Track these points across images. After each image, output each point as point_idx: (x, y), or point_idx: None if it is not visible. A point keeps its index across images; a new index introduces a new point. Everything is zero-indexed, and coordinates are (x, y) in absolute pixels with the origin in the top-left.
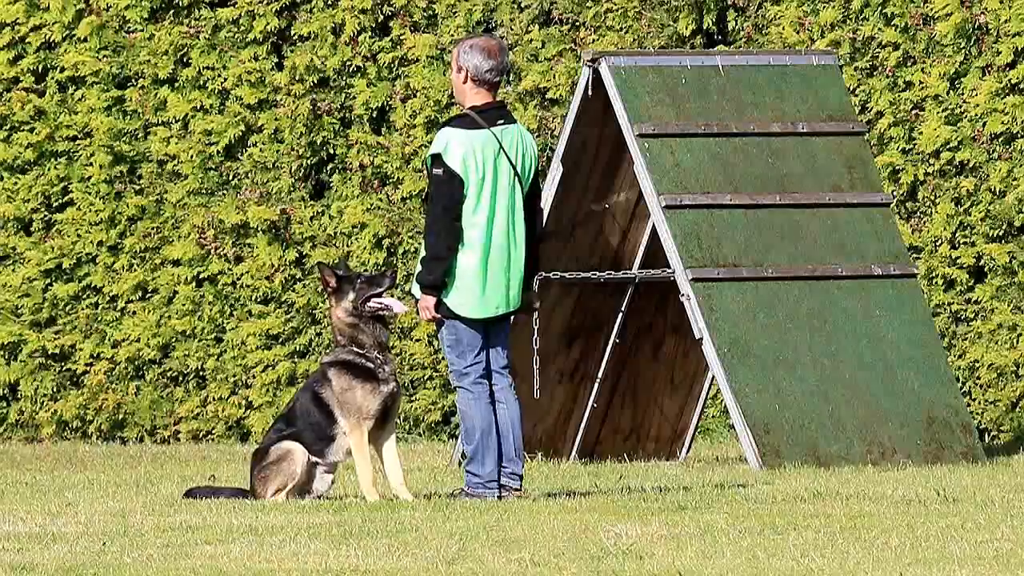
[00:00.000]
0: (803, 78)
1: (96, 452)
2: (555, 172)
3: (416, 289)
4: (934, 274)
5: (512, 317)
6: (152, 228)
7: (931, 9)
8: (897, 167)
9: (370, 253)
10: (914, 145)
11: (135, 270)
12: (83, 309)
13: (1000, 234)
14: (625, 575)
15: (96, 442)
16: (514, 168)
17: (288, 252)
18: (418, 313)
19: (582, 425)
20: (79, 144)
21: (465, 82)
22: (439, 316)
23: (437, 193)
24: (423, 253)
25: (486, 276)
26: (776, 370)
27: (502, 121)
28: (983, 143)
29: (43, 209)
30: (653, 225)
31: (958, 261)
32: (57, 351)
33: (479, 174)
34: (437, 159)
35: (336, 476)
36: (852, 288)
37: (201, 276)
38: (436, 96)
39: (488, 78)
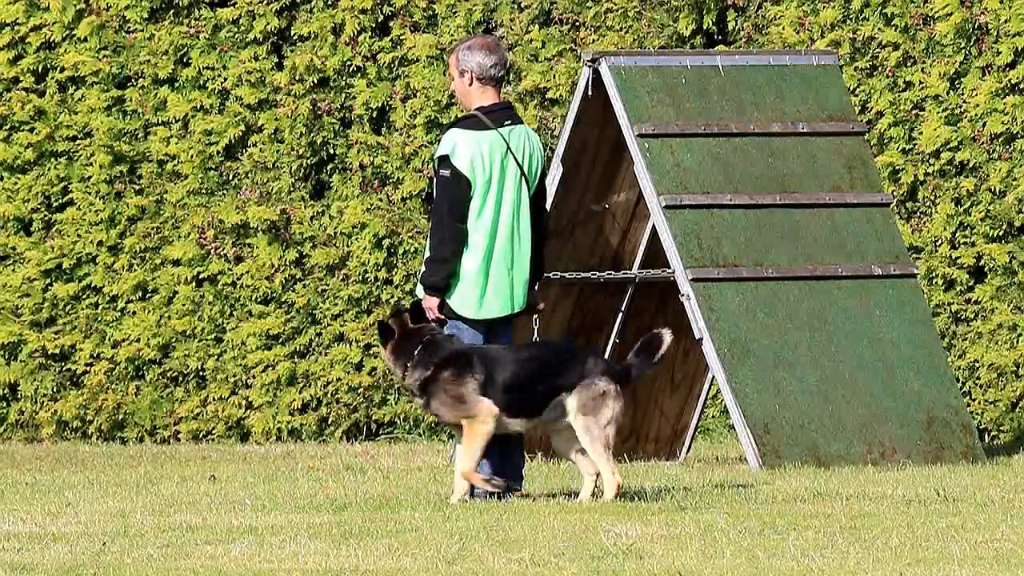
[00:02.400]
0: (803, 78)
1: (96, 452)
2: (555, 172)
3: (419, 290)
4: (934, 274)
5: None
6: (152, 228)
7: (931, 9)
8: (897, 167)
9: (370, 253)
10: (914, 145)
11: (135, 270)
12: (83, 309)
13: (1000, 234)
14: (625, 575)
15: (96, 442)
16: (521, 169)
17: (288, 252)
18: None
19: None
20: (79, 144)
21: (471, 84)
22: (442, 317)
23: (443, 194)
24: (427, 254)
25: (488, 277)
26: (776, 370)
27: (509, 122)
28: (983, 143)
29: (43, 209)
30: (653, 225)
31: (958, 261)
32: (57, 351)
33: (486, 176)
34: (444, 160)
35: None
36: (852, 288)
37: (201, 276)
38: (436, 96)
39: (493, 74)
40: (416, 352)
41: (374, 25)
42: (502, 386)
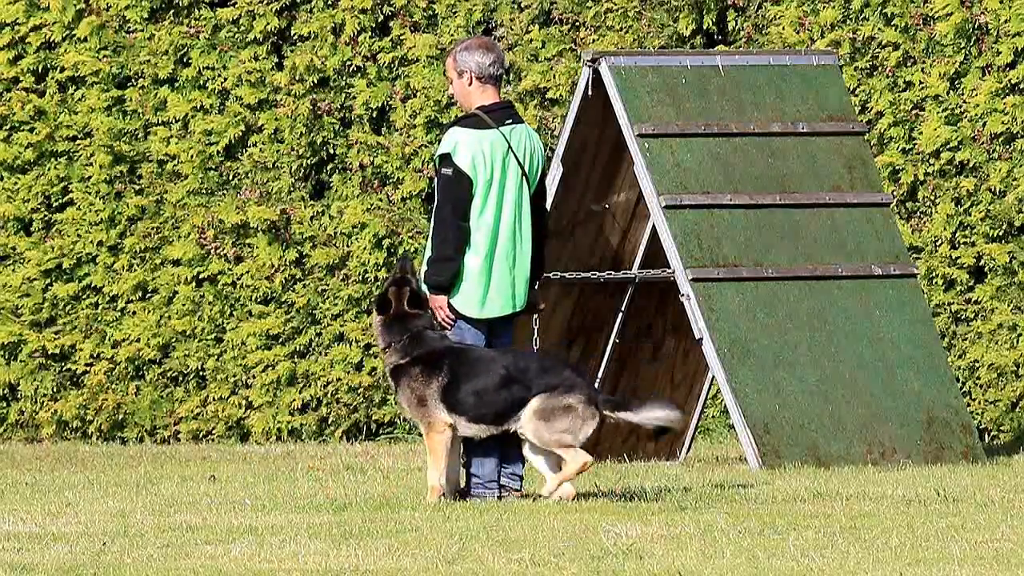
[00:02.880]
0: (803, 78)
1: (96, 452)
2: (555, 172)
3: (424, 290)
4: (934, 274)
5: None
6: (152, 228)
7: (931, 9)
8: (897, 167)
9: (370, 253)
10: (914, 145)
11: (135, 270)
12: (83, 309)
13: (1000, 234)
14: (625, 575)
15: (96, 442)
16: (522, 168)
17: (288, 252)
18: (433, 316)
19: None
20: (79, 144)
21: (470, 84)
22: (453, 317)
23: (445, 193)
24: (428, 254)
25: (490, 276)
26: (776, 370)
27: (510, 121)
28: (983, 143)
29: (43, 209)
30: (653, 225)
31: (958, 261)
32: (57, 351)
33: (487, 174)
34: (446, 159)
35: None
36: (852, 288)
37: (201, 276)
38: (436, 96)
39: (492, 72)
40: (403, 338)
41: (374, 25)
42: (464, 391)
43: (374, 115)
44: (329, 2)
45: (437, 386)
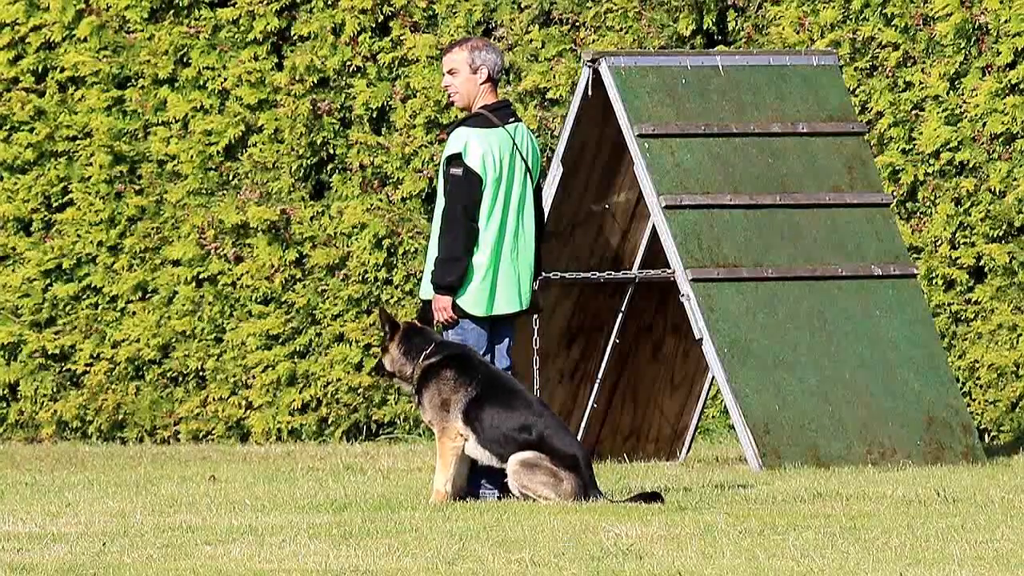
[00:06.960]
0: (803, 78)
1: (96, 452)
2: (555, 172)
3: (427, 290)
4: (934, 274)
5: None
6: (152, 228)
7: (931, 9)
8: (897, 167)
9: (370, 253)
10: (914, 145)
11: (135, 270)
12: (83, 309)
13: (1000, 234)
14: (625, 575)
15: (96, 442)
16: (527, 166)
17: (288, 252)
18: (434, 315)
19: (582, 425)
20: (79, 144)
21: (485, 81)
22: (455, 317)
23: (455, 193)
24: (434, 253)
25: (497, 275)
26: (776, 370)
27: (512, 119)
28: (983, 143)
29: (43, 209)
30: (653, 225)
31: (958, 261)
32: (57, 351)
33: (496, 173)
34: (455, 159)
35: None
36: (852, 288)
37: (201, 276)
38: (436, 96)
39: (501, 73)
40: (429, 346)
41: (374, 25)
42: (487, 413)
43: (374, 115)
44: (329, 2)
45: (464, 395)
